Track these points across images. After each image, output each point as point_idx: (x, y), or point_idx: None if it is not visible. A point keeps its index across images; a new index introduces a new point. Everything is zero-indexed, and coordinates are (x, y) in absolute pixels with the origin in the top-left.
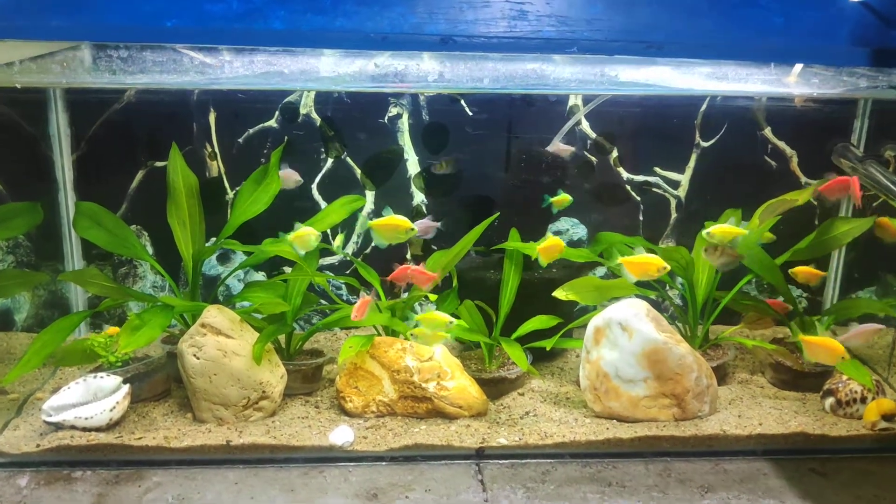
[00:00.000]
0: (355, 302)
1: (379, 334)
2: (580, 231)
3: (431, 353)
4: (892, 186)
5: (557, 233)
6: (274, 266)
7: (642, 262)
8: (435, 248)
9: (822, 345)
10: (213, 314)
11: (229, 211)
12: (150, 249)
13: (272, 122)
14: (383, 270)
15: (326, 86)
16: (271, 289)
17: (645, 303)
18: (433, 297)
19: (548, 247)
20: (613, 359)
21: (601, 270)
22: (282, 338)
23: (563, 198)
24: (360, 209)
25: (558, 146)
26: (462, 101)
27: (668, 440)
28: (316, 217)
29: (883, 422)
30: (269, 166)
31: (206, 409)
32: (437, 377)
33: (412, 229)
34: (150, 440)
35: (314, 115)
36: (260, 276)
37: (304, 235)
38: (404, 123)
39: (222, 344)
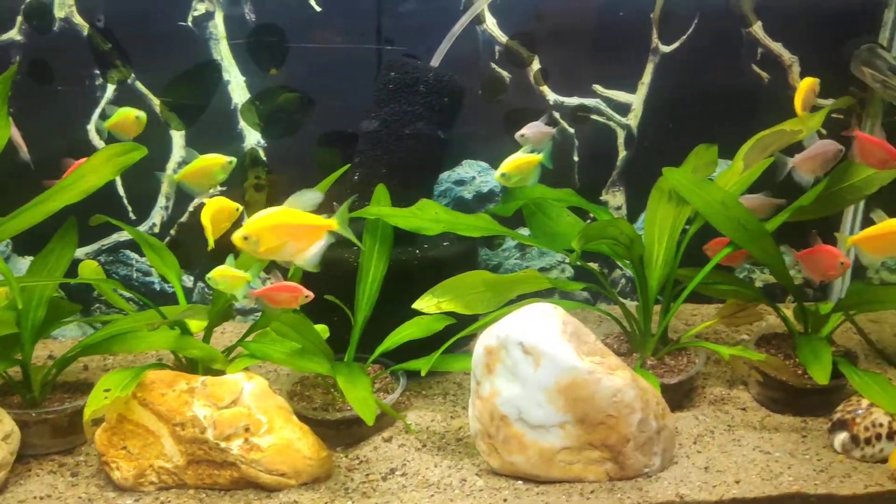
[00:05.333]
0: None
1: (182, 366)
2: (491, 180)
3: (236, 393)
4: None
5: (460, 182)
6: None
7: None
8: None
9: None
10: None
11: None
12: None
13: (14, 34)
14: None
15: None
16: None
17: (560, 310)
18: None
19: None
20: (514, 395)
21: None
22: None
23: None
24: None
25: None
26: None
27: None
28: (64, 180)
29: None
30: None
31: None
32: (244, 432)
33: None
34: None
35: (78, 20)
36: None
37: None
38: (219, 27)
39: None
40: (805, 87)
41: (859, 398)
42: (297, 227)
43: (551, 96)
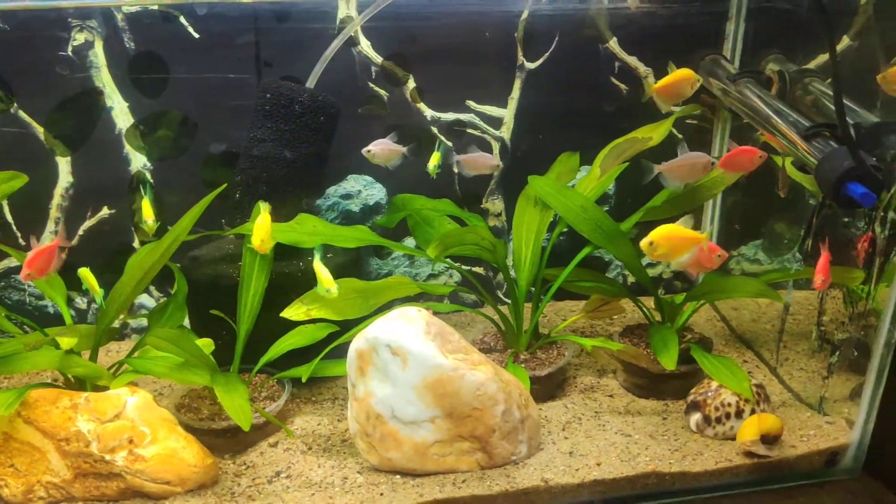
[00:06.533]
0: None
1: (71, 384)
2: (377, 193)
3: (119, 407)
4: (771, 115)
5: (347, 196)
6: None
7: None
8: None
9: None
10: None
11: None
12: None
13: None
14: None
15: None
16: None
17: (424, 313)
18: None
19: None
20: (387, 394)
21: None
22: None
23: None
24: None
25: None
26: (182, 19)
27: (466, 502)
28: None
29: (762, 445)
30: None
31: None
32: (128, 443)
33: None
34: None
35: None
36: None
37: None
38: (99, 55)
39: None
40: (679, 76)
41: (710, 381)
42: None
43: (428, 112)
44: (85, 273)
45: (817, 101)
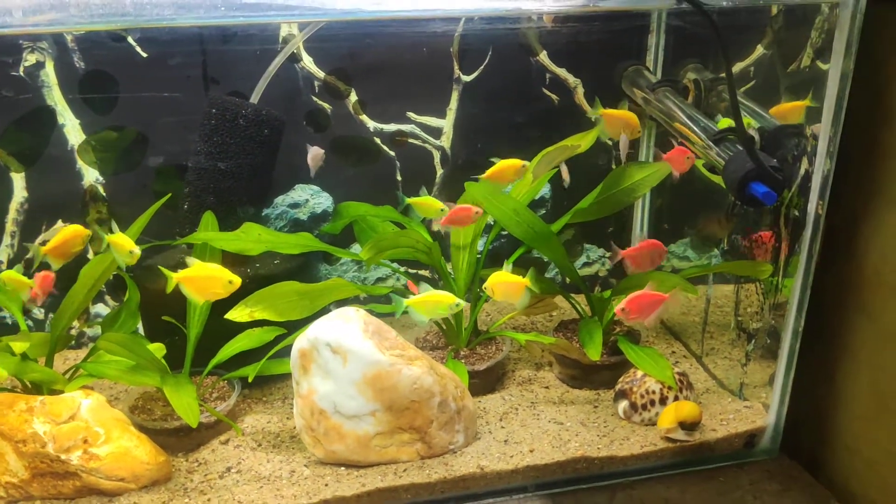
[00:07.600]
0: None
1: (28, 389)
2: (324, 201)
3: (73, 409)
4: (686, 121)
5: (294, 205)
6: None
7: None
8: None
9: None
10: None
11: None
12: None
13: None
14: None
15: None
16: None
17: (361, 312)
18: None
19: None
20: (329, 390)
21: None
22: None
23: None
24: None
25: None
26: (130, 39)
27: (407, 490)
28: None
29: (680, 430)
30: None
31: None
32: (82, 443)
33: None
34: None
35: None
36: None
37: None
38: (50, 75)
39: None
40: (622, 115)
41: (636, 370)
42: None
43: (371, 124)
44: (8, 275)
45: (729, 108)
